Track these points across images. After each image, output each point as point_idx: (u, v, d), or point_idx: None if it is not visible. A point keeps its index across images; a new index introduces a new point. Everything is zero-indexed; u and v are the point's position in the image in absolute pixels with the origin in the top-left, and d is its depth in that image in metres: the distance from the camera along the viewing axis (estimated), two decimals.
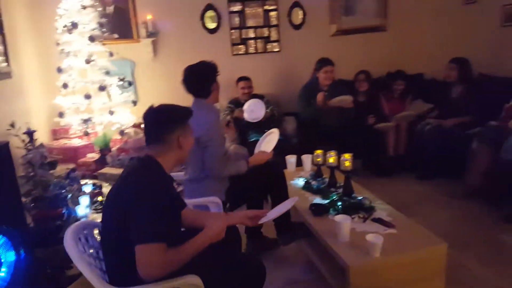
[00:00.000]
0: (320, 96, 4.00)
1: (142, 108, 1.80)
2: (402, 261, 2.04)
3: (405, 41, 5.23)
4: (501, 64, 4.29)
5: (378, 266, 1.99)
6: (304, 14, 4.96)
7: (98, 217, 2.78)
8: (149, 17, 4.57)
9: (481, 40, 4.56)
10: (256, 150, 2.86)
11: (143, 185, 1.57)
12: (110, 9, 4.55)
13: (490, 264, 2.57)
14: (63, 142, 4.14)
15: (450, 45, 4.97)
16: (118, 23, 4.58)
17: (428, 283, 2.09)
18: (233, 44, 4.87)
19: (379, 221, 2.33)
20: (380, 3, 5.11)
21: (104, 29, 4.20)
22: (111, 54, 4.16)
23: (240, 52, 4.91)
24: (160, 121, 1.73)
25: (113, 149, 3.99)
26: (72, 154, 3.98)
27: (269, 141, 2.88)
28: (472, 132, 3.71)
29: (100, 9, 4.24)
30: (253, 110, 4.03)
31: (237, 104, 4.34)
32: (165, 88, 4.64)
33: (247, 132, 4.18)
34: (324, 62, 4.18)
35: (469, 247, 2.78)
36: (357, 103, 4.24)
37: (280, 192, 2.72)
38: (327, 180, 2.91)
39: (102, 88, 4.01)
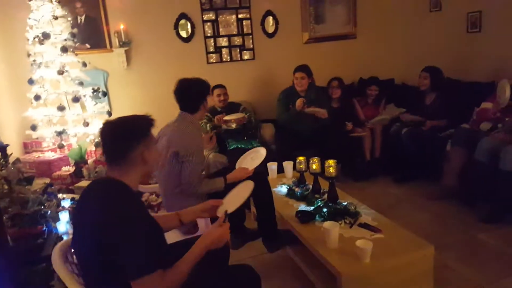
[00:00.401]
0: (299, 102, 4.07)
1: None
2: (392, 265, 2.08)
3: (375, 48, 5.37)
4: (468, 69, 4.47)
5: (369, 271, 2.02)
6: (277, 23, 5.00)
7: None
8: (121, 26, 4.48)
9: (448, 46, 4.74)
10: (237, 166, 2.82)
11: (118, 219, 1.41)
12: (82, 18, 4.44)
13: (473, 264, 2.65)
14: (36, 156, 3.99)
15: (419, 51, 5.17)
16: (90, 33, 4.46)
17: (417, 285, 2.14)
18: (208, 53, 4.85)
19: (365, 226, 2.37)
20: (349, 12, 5.23)
21: (76, 39, 4.09)
22: (84, 65, 4.05)
23: (215, 61, 4.89)
24: (119, 138, 1.55)
25: (89, 161, 3.88)
26: (46, 167, 3.83)
27: (254, 159, 2.82)
28: (446, 134, 3.83)
29: (70, 19, 4.12)
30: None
31: (214, 112, 4.32)
32: (139, 98, 4.61)
33: (226, 140, 4.16)
34: (295, 69, 4.29)
35: (451, 247, 2.85)
36: (331, 110, 4.30)
37: (264, 198, 2.70)
38: (310, 186, 2.93)
39: (76, 99, 3.90)
